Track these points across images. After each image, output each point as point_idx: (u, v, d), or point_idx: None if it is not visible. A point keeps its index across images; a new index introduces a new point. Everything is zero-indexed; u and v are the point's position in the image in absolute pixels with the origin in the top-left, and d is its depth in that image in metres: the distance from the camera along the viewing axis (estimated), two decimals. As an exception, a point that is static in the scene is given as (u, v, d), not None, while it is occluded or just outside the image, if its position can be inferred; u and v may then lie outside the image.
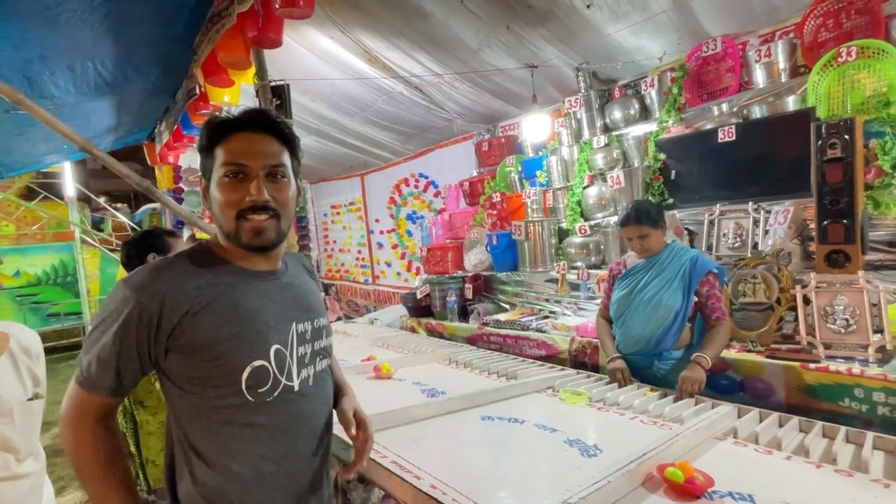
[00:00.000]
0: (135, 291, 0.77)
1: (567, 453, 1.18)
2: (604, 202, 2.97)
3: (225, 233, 0.84)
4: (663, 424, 1.41)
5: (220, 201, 0.82)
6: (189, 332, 0.77)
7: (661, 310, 1.80)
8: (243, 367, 0.80)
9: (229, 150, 0.82)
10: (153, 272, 0.80)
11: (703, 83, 2.82)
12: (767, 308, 1.94)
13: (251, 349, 0.81)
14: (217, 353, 0.78)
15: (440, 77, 3.53)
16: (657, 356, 1.84)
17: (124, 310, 0.76)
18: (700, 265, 1.79)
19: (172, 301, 0.77)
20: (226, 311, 0.80)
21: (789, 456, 1.18)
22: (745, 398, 1.84)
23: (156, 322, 0.77)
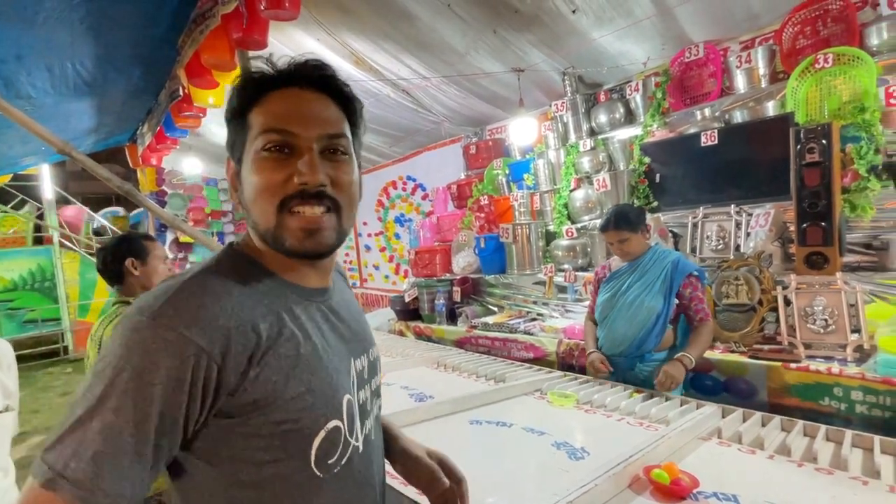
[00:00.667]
0: (187, 330, 0.48)
1: (555, 456, 1.18)
2: (590, 205, 3.00)
3: (262, 233, 0.58)
4: (649, 426, 1.42)
5: (255, 185, 0.57)
6: (252, 386, 0.51)
7: (642, 312, 1.82)
8: (316, 432, 0.56)
9: (270, 112, 0.57)
10: (204, 297, 0.52)
11: (687, 88, 2.87)
12: (750, 309, 1.97)
13: (325, 405, 0.57)
14: (286, 415, 0.54)
15: (427, 80, 3.53)
16: (639, 358, 1.85)
17: (167, 362, 0.47)
18: (681, 267, 1.81)
19: (240, 341, 0.51)
20: (292, 353, 0.55)
21: (772, 455, 1.20)
22: (729, 398, 1.86)
23: (215, 376, 0.50)
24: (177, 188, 7.14)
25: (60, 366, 6.90)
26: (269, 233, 0.58)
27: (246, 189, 0.59)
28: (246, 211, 0.60)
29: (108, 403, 0.46)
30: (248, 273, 0.58)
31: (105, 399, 0.47)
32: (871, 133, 1.96)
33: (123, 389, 0.47)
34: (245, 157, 0.59)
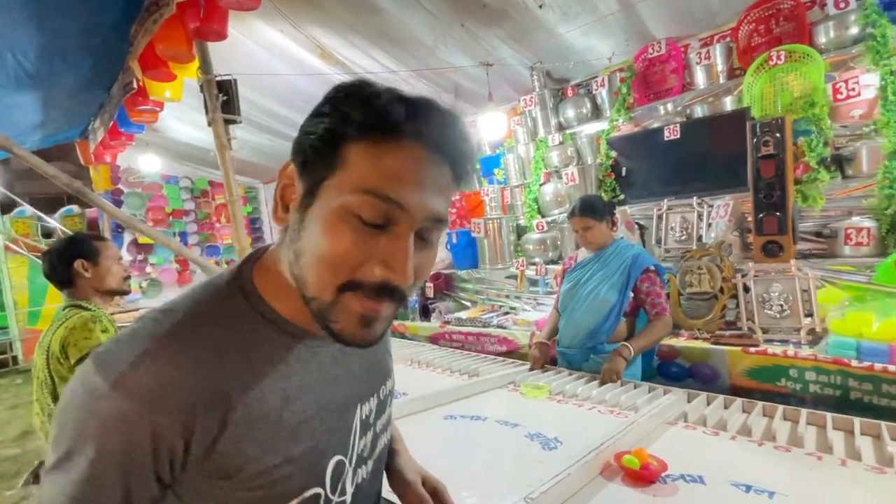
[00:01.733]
0: (149, 406, 0.42)
1: (528, 448, 1.19)
2: (559, 199, 3.04)
3: (307, 297, 0.47)
4: (619, 413, 1.45)
5: (325, 249, 0.45)
6: (227, 454, 0.45)
7: (596, 304, 1.86)
8: (289, 501, 0.50)
9: (384, 170, 0.44)
10: (172, 365, 0.44)
11: (650, 83, 2.95)
12: (712, 297, 2.05)
13: (306, 474, 0.51)
14: (259, 481, 0.47)
15: (395, 74, 3.49)
16: (592, 349, 1.88)
17: (127, 440, 0.42)
18: (639, 262, 1.84)
19: (211, 417, 0.44)
20: (273, 421, 0.48)
21: (734, 436, 1.24)
22: (694, 384, 1.93)
23: (181, 451, 0.44)
24: (134, 187, 6.80)
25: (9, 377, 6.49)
26: (315, 302, 0.46)
27: (309, 238, 0.46)
28: (292, 252, 0.48)
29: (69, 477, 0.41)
30: (244, 321, 0.49)
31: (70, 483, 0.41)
32: (820, 127, 2.07)
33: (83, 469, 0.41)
34: (323, 195, 0.45)
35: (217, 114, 2.70)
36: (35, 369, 1.43)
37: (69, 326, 1.34)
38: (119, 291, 1.56)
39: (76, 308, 1.43)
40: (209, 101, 2.70)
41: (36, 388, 1.43)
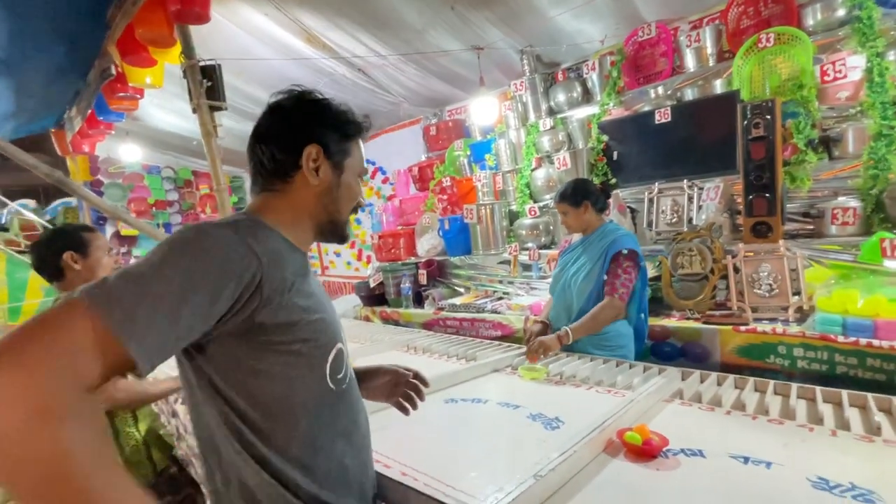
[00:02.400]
0: (248, 243, 0.65)
1: (531, 428, 1.21)
2: (551, 184, 3.05)
3: (332, 218, 0.82)
4: (617, 392, 1.48)
5: (353, 192, 0.84)
6: (285, 308, 0.69)
7: (574, 291, 1.90)
8: (329, 350, 0.76)
9: (361, 154, 0.86)
10: (255, 226, 0.71)
11: (640, 67, 2.95)
12: (703, 278, 2.09)
13: (333, 331, 0.78)
14: (310, 334, 0.73)
15: (384, 59, 3.43)
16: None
17: (231, 254, 0.62)
18: (614, 245, 1.83)
19: (279, 267, 0.69)
20: (309, 290, 0.75)
21: (729, 411, 1.28)
22: (686, 362, 1.98)
23: (257, 282, 0.65)
24: (114, 177, 6.62)
25: (-8, 374, 6.35)
26: (340, 221, 0.84)
27: (345, 190, 0.83)
28: (327, 196, 0.81)
29: (164, 270, 0.58)
30: (271, 231, 0.75)
31: (163, 266, 0.58)
32: (808, 109, 2.10)
33: (187, 259, 0.60)
34: (347, 170, 0.82)
35: (202, 100, 2.63)
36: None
37: (62, 319, 1.30)
38: None
39: (67, 300, 1.39)
40: (193, 88, 2.62)
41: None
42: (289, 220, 0.78)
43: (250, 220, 0.72)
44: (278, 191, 0.79)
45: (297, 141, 0.77)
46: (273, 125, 0.79)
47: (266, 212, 0.78)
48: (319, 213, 0.81)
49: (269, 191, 0.79)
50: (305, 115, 0.79)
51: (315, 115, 0.79)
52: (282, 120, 0.79)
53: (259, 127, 0.79)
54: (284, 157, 0.77)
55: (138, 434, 1.44)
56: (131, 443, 1.41)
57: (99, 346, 0.49)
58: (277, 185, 0.78)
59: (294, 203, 0.79)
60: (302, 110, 0.79)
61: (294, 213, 0.79)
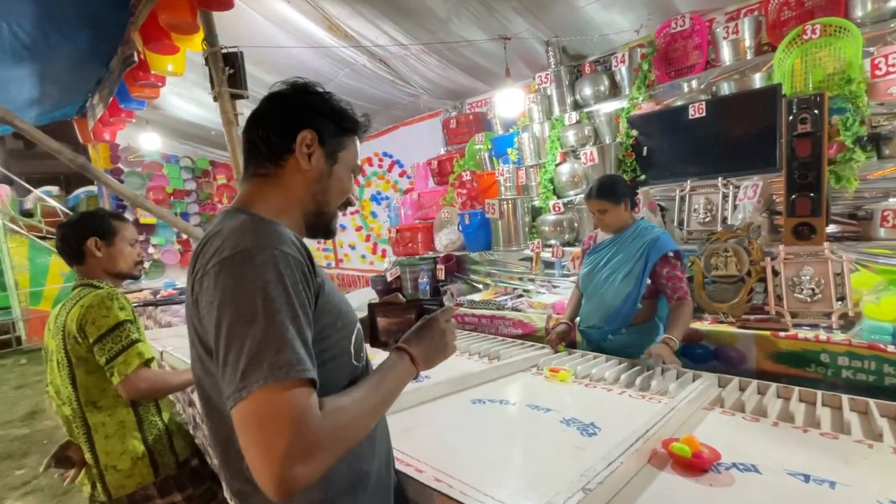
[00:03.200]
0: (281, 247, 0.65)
1: (566, 433, 1.15)
2: (576, 179, 2.96)
3: (320, 210, 0.81)
4: (651, 398, 1.41)
5: (343, 186, 0.83)
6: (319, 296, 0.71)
7: (612, 290, 1.83)
8: (352, 332, 0.78)
9: (357, 150, 0.86)
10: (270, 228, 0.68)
11: (671, 60, 2.84)
12: (738, 280, 1.99)
13: (350, 313, 0.80)
14: (336, 319, 0.74)
15: (406, 49, 3.36)
16: (611, 332, 1.88)
17: (286, 271, 0.64)
18: (658, 246, 1.77)
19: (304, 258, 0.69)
20: (324, 278, 0.75)
21: (776, 422, 1.20)
22: (718, 366, 1.89)
23: (309, 274, 0.68)
24: (133, 166, 6.69)
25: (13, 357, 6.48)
26: (328, 214, 0.83)
27: (336, 181, 0.82)
28: (317, 185, 0.80)
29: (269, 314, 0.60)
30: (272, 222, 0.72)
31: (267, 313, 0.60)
32: (857, 104, 1.98)
33: (273, 298, 0.61)
34: (340, 162, 0.82)
35: (223, 88, 2.60)
36: (48, 352, 1.38)
37: (85, 305, 1.28)
38: (129, 275, 1.49)
39: (88, 287, 1.36)
40: (215, 75, 2.59)
41: (50, 371, 1.38)
42: (280, 208, 0.77)
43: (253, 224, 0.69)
44: (269, 176, 0.78)
45: (294, 125, 0.77)
46: (271, 109, 0.79)
47: (257, 203, 0.76)
48: (308, 202, 0.80)
49: (259, 176, 0.78)
50: (304, 102, 0.79)
51: (313, 103, 0.79)
52: (280, 105, 0.79)
53: (257, 111, 0.80)
54: (279, 140, 0.77)
55: (161, 423, 1.41)
56: (154, 432, 1.39)
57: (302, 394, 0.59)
58: (269, 169, 0.78)
59: (284, 189, 0.78)
60: (301, 97, 0.79)
61: (284, 199, 0.78)
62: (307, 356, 0.61)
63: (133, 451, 1.35)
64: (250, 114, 0.81)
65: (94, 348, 1.27)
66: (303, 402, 0.58)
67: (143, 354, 1.31)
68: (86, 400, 1.32)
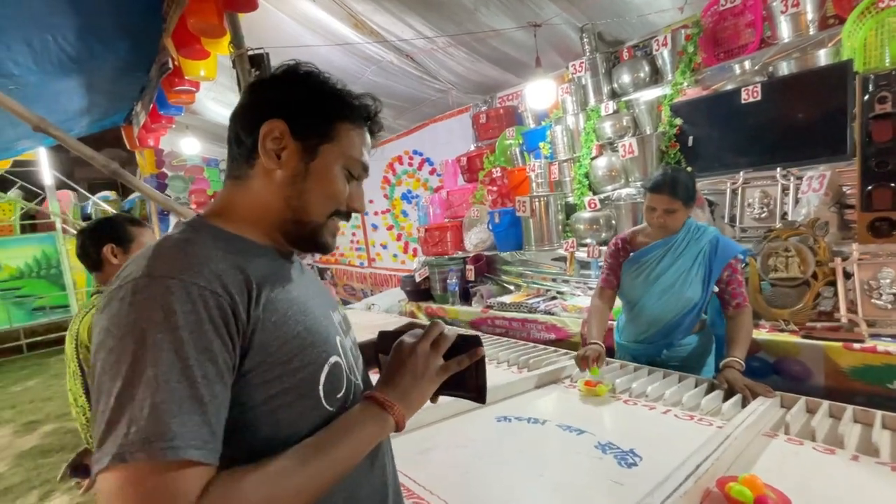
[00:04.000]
0: (183, 275, 0.49)
1: (602, 462, 1.02)
2: (614, 173, 2.77)
3: (297, 218, 0.64)
4: (702, 419, 1.25)
5: (328, 190, 0.64)
6: (258, 328, 0.54)
7: (678, 302, 1.61)
8: (321, 367, 0.59)
9: (359, 144, 0.66)
10: (187, 249, 0.53)
11: (720, 40, 2.59)
12: (802, 283, 1.77)
13: (323, 342, 0.61)
14: (292, 353, 0.56)
15: (433, 43, 3.26)
16: (667, 345, 1.67)
17: (180, 307, 0.47)
18: (722, 250, 1.58)
19: (234, 282, 0.53)
20: (283, 297, 0.59)
21: (856, 456, 1.02)
22: (779, 381, 1.69)
23: (230, 311, 0.51)
24: (177, 170, 6.96)
25: (72, 352, 6.92)
26: (310, 224, 0.65)
27: (314, 182, 0.64)
28: (290, 189, 0.63)
29: (141, 365, 0.45)
30: (222, 235, 0.60)
31: (137, 363, 0.45)
32: (947, 79, 1.71)
33: (152, 344, 0.46)
34: (323, 155, 0.64)
35: (250, 90, 2.59)
36: (66, 359, 1.38)
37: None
38: None
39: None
40: (242, 77, 2.58)
41: (68, 379, 1.38)
42: (246, 217, 0.63)
43: (166, 243, 0.54)
44: (241, 178, 0.64)
45: (261, 117, 0.62)
46: (241, 102, 0.66)
47: (223, 212, 0.63)
48: (282, 210, 0.63)
49: (233, 178, 0.65)
50: (277, 87, 0.64)
51: (288, 86, 0.63)
52: (251, 95, 0.65)
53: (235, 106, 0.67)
54: (246, 136, 0.62)
55: None
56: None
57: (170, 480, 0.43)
58: (242, 170, 0.64)
59: (254, 194, 0.63)
60: (275, 83, 0.64)
61: (252, 207, 0.63)
62: (190, 424, 0.45)
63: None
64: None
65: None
66: (166, 490, 0.43)
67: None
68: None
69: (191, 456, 0.44)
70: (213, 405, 0.47)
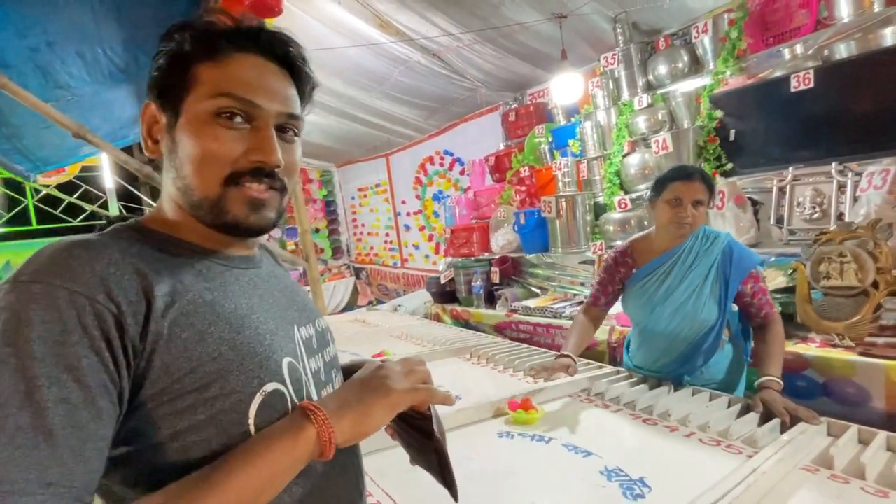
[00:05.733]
0: (55, 279, 0.42)
1: (605, 491, 0.92)
2: (647, 171, 2.59)
3: (195, 200, 0.52)
4: (730, 445, 1.11)
5: (201, 151, 0.50)
6: (159, 345, 0.45)
7: (693, 324, 1.43)
8: (251, 397, 0.49)
9: (231, 76, 0.51)
10: (73, 251, 0.44)
11: (769, 24, 2.36)
12: (860, 293, 1.56)
13: (258, 366, 0.50)
14: (205, 377, 0.46)
15: (459, 40, 3.20)
16: (687, 372, 1.48)
17: (42, 316, 0.40)
18: (737, 261, 1.39)
19: (127, 288, 0.45)
20: (206, 310, 0.49)
21: (915, 501, 0.86)
22: (830, 404, 1.50)
23: (113, 323, 0.43)
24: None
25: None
26: (206, 201, 0.52)
27: (184, 149, 0.52)
28: (173, 170, 0.53)
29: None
30: (137, 242, 0.51)
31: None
32: None
33: (7, 356, 0.38)
34: (185, 113, 0.52)
35: (276, 93, 2.65)
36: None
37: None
38: None
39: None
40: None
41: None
42: (173, 216, 0.55)
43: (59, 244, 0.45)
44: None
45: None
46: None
47: (157, 212, 0.56)
48: (180, 198, 0.53)
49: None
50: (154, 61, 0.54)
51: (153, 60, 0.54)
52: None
53: None
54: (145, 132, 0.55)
55: None
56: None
57: None
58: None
59: (165, 191, 0.56)
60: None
61: (169, 206, 0.55)
62: (25, 463, 0.36)
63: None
64: None
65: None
66: None
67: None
68: None
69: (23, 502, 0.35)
70: (75, 437, 0.39)
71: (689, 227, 1.40)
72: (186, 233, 0.54)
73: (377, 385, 0.53)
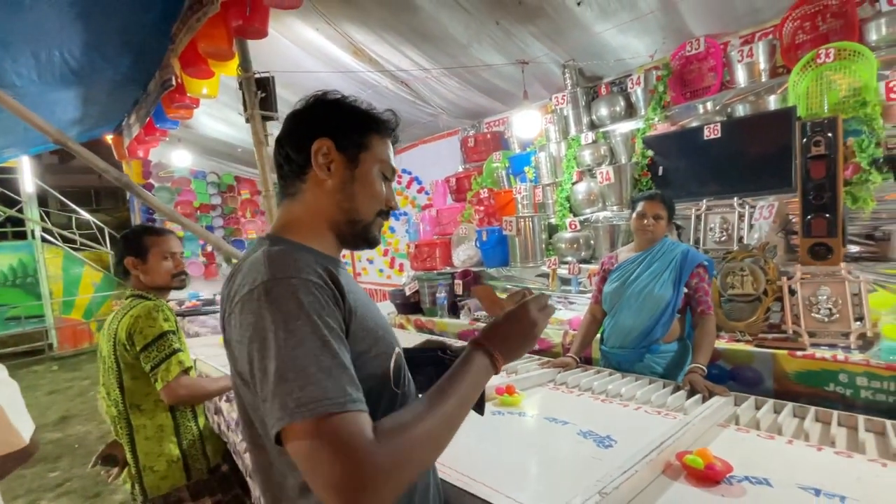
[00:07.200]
0: (300, 274, 0.63)
1: (583, 444, 1.20)
2: (592, 198, 3.02)
3: (352, 219, 0.77)
4: (667, 414, 1.44)
5: (372, 189, 0.78)
6: (349, 317, 0.67)
7: (651, 301, 1.85)
8: (390, 356, 0.73)
9: (387, 148, 0.81)
10: (291, 256, 0.66)
11: (687, 82, 2.90)
12: (755, 299, 2.02)
13: (389, 335, 0.75)
14: (372, 343, 0.70)
15: (428, 72, 3.50)
16: (647, 349, 1.88)
17: (307, 298, 0.61)
18: (691, 257, 1.85)
19: (329, 279, 0.66)
20: (357, 296, 0.71)
21: (790, 440, 1.23)
22: (735, 386, 1.90)
23: (334, 297, 0.65)
24: (164, 181, 6.97)
25: (45, 364, 6.73)
26: (361, 223, 0.79)
27: (362, 186, 0.78)
28: (342, 195, 0.77)
29: (291, 346, 0.58)
30: (297, 246, 0.73)
31: (287, 346, 0.58)
32: (872, 127, 2.02)
33: (295, 329, 0.59)
34: (363, 163, 0.78)
35: (255, 110, 2.76)
36: (101, 356, 1.49)
37: (134, 315, 1.39)
38: (168, 288, 1.57)
39: (139, 298, 1.48)
40: (248, 98, 2.75)
41: (102, 374, 1.49)
42: (308, 227, 0.76)
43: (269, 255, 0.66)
44: (297, 194, 0.77)
45: (308, 137, 0.75)
46: (287, 127, 0.79)
47: (288, 228, 0.77)
48: (335, 213, 0.76)
49: (289, 196, 0.78)
50: (317, 112, 0.78)
51: (327, 110, 0.78)
52: (296, 120, 0.78)
53: (280, 132, 0.81)
54: (297, 155, 0.76)
55: (196, 428, 1.50)
56: (189, 437, 1.48)
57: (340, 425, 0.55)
58: (297, 187, 0.77)
59: (310, 206, 0.77)
60: (315, 108, 0.78)
61: (312, 217, 0.76)
62: (341, 382, 0.58)
63: (169, 455, 1.44)
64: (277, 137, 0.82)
65: (140, 356, 1.38)
66: (343, 433, 0.54)
67: (182, 363, 1.41)
68: (130, 402, 1.42)
69: (350, 405, 0.57)
70: (349, 367, 0.61)
71: (651, 233, 1.89)
72: (315, 243, 0.76)
73: (534, 336, 0.77)
